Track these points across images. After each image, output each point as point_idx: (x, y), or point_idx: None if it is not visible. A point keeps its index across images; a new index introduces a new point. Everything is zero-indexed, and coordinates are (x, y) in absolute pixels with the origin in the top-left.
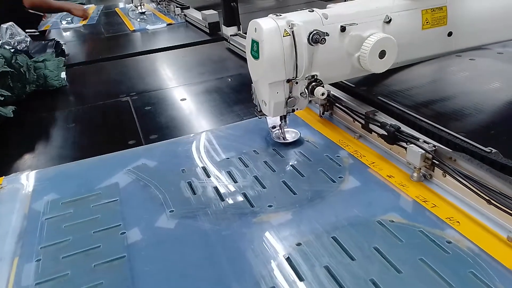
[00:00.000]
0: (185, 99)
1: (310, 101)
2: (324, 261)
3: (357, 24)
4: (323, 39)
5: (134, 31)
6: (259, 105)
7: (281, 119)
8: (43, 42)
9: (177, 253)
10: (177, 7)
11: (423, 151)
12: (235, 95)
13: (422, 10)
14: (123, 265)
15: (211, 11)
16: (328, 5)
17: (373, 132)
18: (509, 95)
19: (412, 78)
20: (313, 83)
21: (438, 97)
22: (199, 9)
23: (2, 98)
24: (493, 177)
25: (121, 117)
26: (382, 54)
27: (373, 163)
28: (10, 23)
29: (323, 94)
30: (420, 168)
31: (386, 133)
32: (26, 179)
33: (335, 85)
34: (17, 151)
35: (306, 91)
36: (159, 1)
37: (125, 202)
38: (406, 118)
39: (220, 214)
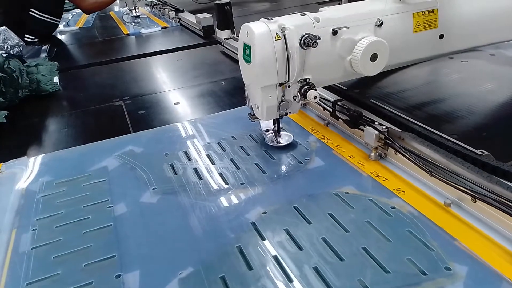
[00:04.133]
0: (179, 103)
1: (305, 105)
2: (284, 225)
3: (348, 28)
4: (314, 43)
5: (128, 34)
6: (252, 111)
7: (274, 123)
8: (36, 46)
9: (158, 222)
10: (171, 10)
11: (377, 132)
12: (229, 99)
13: (414, 13)
14: (109, 232)
15: (205, 15)
16: (320, 9)
17: (339, 119)
18: (501, 97)
19: (405, 80)
20: (306, 87)
21: (431, 99)
22: (193, 12)
23: None
24: (433, 152)
25: (114, 122)
26: (374, 57)
27: (338, 146)
28: (4, 27)
29: (315, 97)
30: (377, 148)
31: (348, 119)
32: (23, 164)
33: (328, 88)
34: (9, 156)
35: (299, 95)
36: (154, 5)
37: (113, 182)
38: (398, 120)
39: (197, 190)
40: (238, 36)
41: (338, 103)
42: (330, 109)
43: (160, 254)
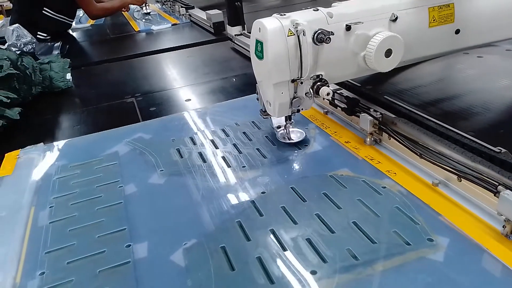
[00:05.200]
0: (190, 99)
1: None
2: (282, 203)
3: (362, 23)
4: (328, 38)
5: (139, 31)
6: (263, 105)
7: (286, 120)
8: (48, 43)
9: (164, 200)
10: (181, 7)
11: (372, 118)
12: (239, 95)
13: (429, 7)
14: (120, 208)
15: (216, 11)
16: (333, 4)
17: (337, 107)
18: None
19: (419, 76)
20: (318, 83)
21: (446, 96)
22: (204, 9)
23: (8, 100)
24: (424, 136)
25: (126, 119)
26: (388, 53)
27: (335, 132)
28: (16, 25)
29: (328, 94)
30: (372, 133)
31: (346, 106)
32: (39, 150)
33: (341, 84)
34: None
35: (311, 91)
36: (164, 2)
37: (123, 165)
38: (413, 117)
39: (202, 172)
40: (249, 32)
41: (337, 91)
42: (330, 98)
43: (167, 228)
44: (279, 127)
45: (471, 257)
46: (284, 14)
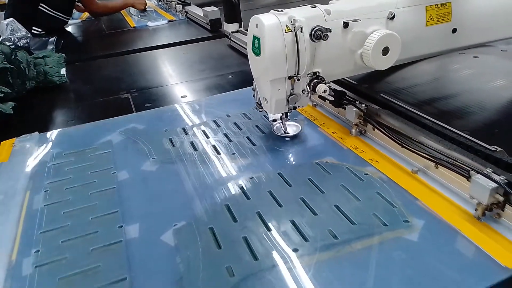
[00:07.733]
0: (186, 96)
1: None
2: (268, 188)
3: (360, 20)
4: (325, 35)
5: (135, 27)
6: (260, 102)
7: (282, 115)
8: (43, 38)
9: (156, 186)
10: (178, 3)
11: (357, 109)
12: None
13: (426, 6)
14: (113, 193)
15: (212, 8)
16: (330, 1)
17: (326, 100)
18: None
19: (415, 75)
20: (315, 80)
21: (442, 95)
22: (201, 5)
23: (2, 95)
24: (405, 126)
25: (121, 114)
26: (385, 51)
27: (323, 123)
28: (11, 19)
29: (325, 91)
30: (357, 124)
31: (333, 99)
32: (34, 139)
33: (337, 82)
34: None
35: (308, 88)
36: None
37: (116, 153)
38: (409, 115)
39: (192, 160)
40: (245, 30)
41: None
42: (326, 95)
43: (158, 211)
44: (275, 120)
45: (444, 237)
46: (282, 11)
